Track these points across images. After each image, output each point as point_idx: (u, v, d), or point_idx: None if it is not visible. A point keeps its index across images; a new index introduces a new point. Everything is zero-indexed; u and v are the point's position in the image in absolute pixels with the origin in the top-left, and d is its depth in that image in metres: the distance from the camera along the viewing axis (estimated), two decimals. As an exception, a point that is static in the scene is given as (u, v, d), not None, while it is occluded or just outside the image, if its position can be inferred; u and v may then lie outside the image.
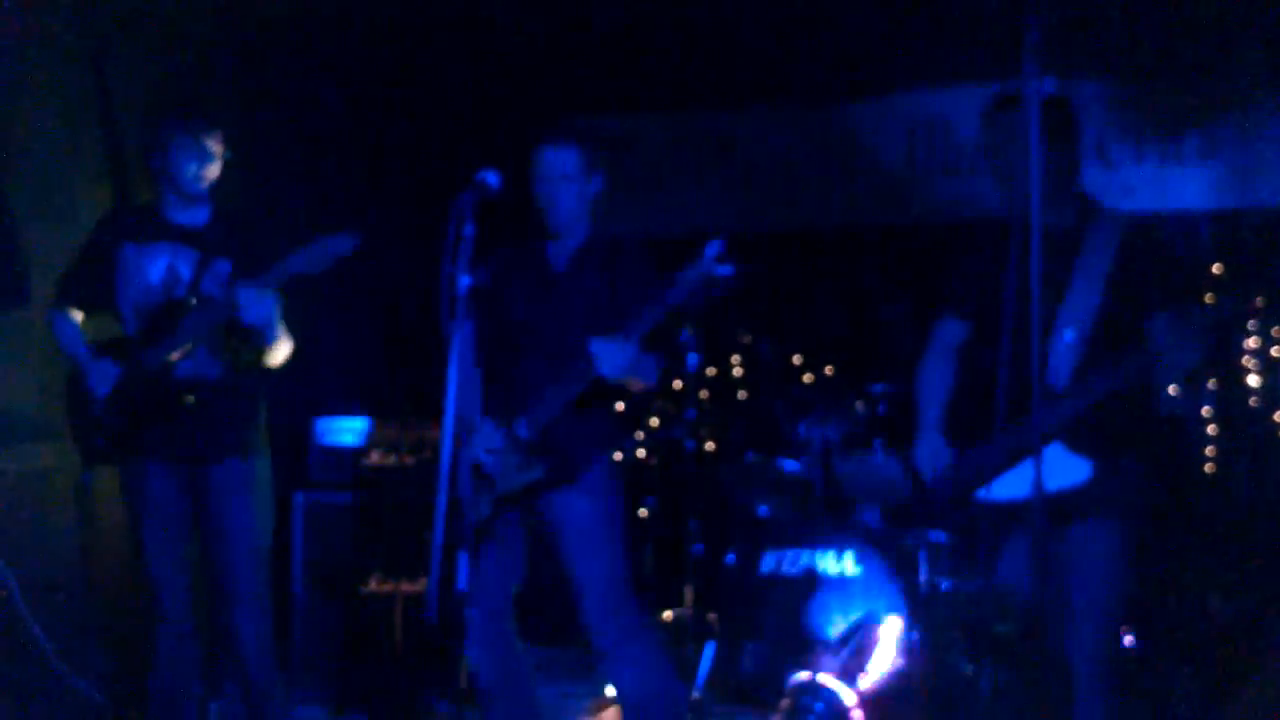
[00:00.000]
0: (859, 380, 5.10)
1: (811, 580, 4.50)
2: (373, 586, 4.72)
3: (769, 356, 5.42)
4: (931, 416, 3.43)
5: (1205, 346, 3.01)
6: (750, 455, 4.99)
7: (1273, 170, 5.32)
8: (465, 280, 3.10)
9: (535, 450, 3.45)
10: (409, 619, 4.53)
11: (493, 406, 3.51)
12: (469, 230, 3.13)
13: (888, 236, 5.85)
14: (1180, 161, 5.47)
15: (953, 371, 3.48)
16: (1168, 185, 5.47)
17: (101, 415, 3.68)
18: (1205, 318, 3.01)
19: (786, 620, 4.49)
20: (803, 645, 4.42)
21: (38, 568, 4.14)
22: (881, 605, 4.36)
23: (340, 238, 3.52)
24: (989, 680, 3.26)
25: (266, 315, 3.58)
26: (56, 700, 4.12)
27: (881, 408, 4.94)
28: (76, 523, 4.36)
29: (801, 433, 4.86)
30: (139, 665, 3.84)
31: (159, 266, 3.75)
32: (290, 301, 3.66)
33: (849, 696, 4.08)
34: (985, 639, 3.20)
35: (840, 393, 5.13)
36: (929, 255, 3.94)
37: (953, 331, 3.50)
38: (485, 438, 3.46)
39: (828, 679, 4.12)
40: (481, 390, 3.57)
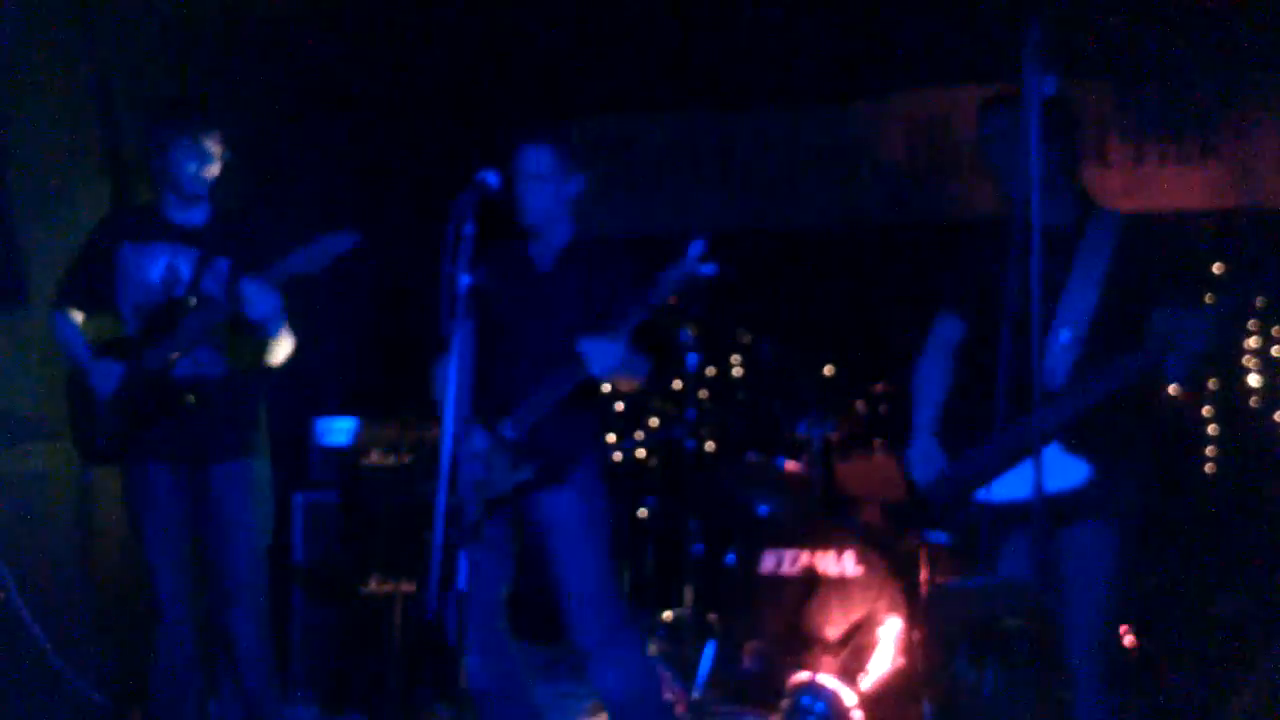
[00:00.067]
0: (859, 380, 5.10)
1: (811, 580, 4.50)
2: (372, 587, 4.72)
3: (769, 356, 5.41)
4: (926, 418, 3.43)
5: (1208, 341, 3.00)
6: (750, 455, 4.98)
7: (1273, 170, 5.33)
8: (465, 280, 3.11)
9: (523, 452, 3.46)
10: (408, 619, 4.52)
11: (479, 408, 3.52)
12: (469, 230, 3.14)
13: (888, 236, 5.85)
14: (1180, 161, 5.47)
15: (950, 371, 3.48)
16: (1168, 185, 5.46)
17: (103, 415, 3.68)
18: (1208, 313, 3.00)
19: (786, 620, 4.49)
20: (803, 645, 4.42)
21: (38, 568, 4.14)
22: (881, 606, 4.36)
23: (339, 236, 3.52)
24: (991, 685, 3.24)
25: (270, 311, 3.58)
26: (56, 700, 4.11)
27: (881, 407, 4.93)
28: (76, 523, 4.35)
29: (801, 432, 4.85)
30: (139, 665, 3.84)
31: (159, 266, 3.75)
32: (290, 301, 3.66)
33: (849, 696, 4.08)
34: (992, 634, 3.18)
35: (840, 392, 5.13)
36: (929, 255, 3.94)
37: (951, 329, 3.49)
38: (472, 439, 3.47)
39: (828, 679, 4.12)
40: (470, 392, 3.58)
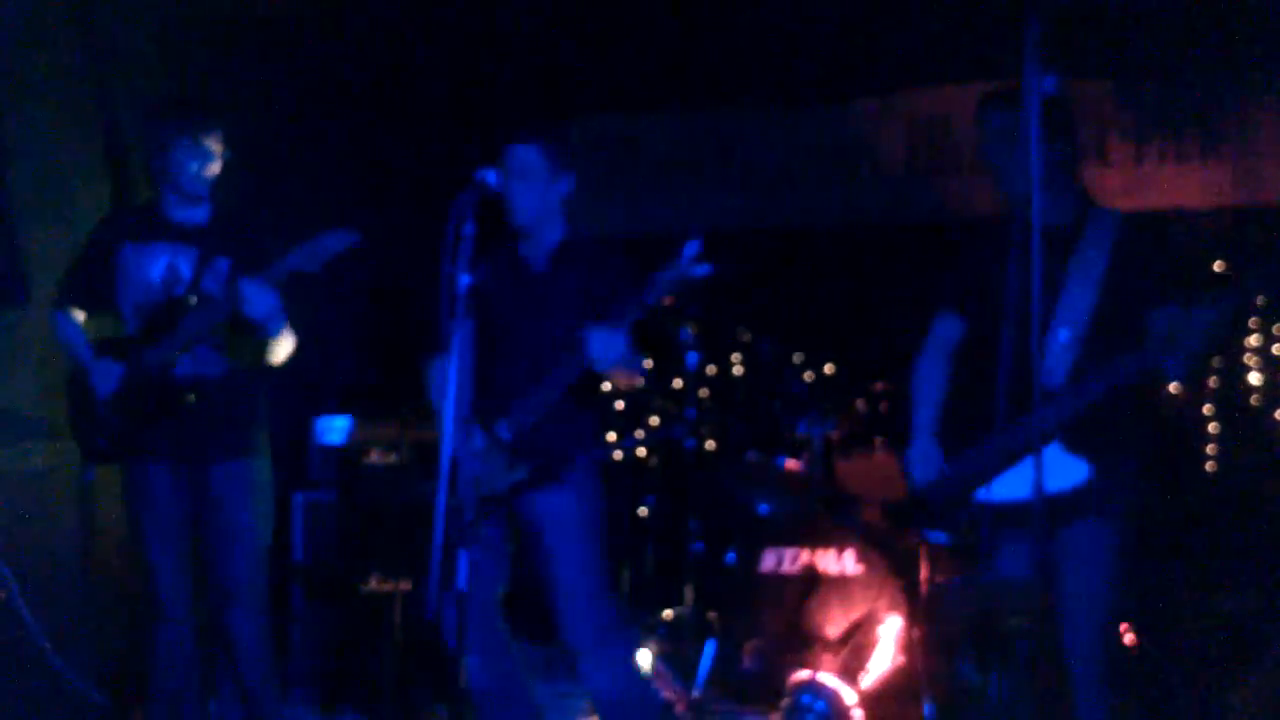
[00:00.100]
0: (859, 379, 5.09)
1: (811, 579, 4.50)
2: (371, 586, 4.72)
3: (769, 356, 5.41)
4: (925, 419, 3.43)
5: (1206, 340, 3.00)
6: (750, 454, 4.97)
7: (1273, 169, 5.32)
8: (465, 279, 3.11)
9: (518, 452, 3.46)
10: (407, 619, 4.52)
11: (475, 408, 3.52)
12: (469, 230, 3.15)
13: (888, 236, 5.85)
14: (1180, 160, 5.46)
15: (949, 371, 3.48)
16: (1168, 184, 5.46)
17: (103, 415, 3.68)
18: (1206, 312, 3.00)
19: (787, 619, 4.49)
20: (803, 644, 4.42)
21: (38, 568, 4.14)
22: (881, 604, 4.36)
23: (337, 235, 3.52)
24: (995, 688, 3.23)
25: (268, 310, 3.58)
26: (56, 700, 4.11)
27: (882, 406, 4.93)
28: (76, 523, 4.36)
29: (801, 432, 4.85)
30: (139, 665, 3.85)
31: (159, 265, 3.75)
32: (291, 300, 3.66)
33: (849, 696, 4.08)
34: (995, 633, 3.17)
35: (841, 391, 5.12)
36: (929, 255, 3.93)
37: (951, 328, 3.49)
38: (469, 439, 3.47)
39: (828, 678, 4.12)
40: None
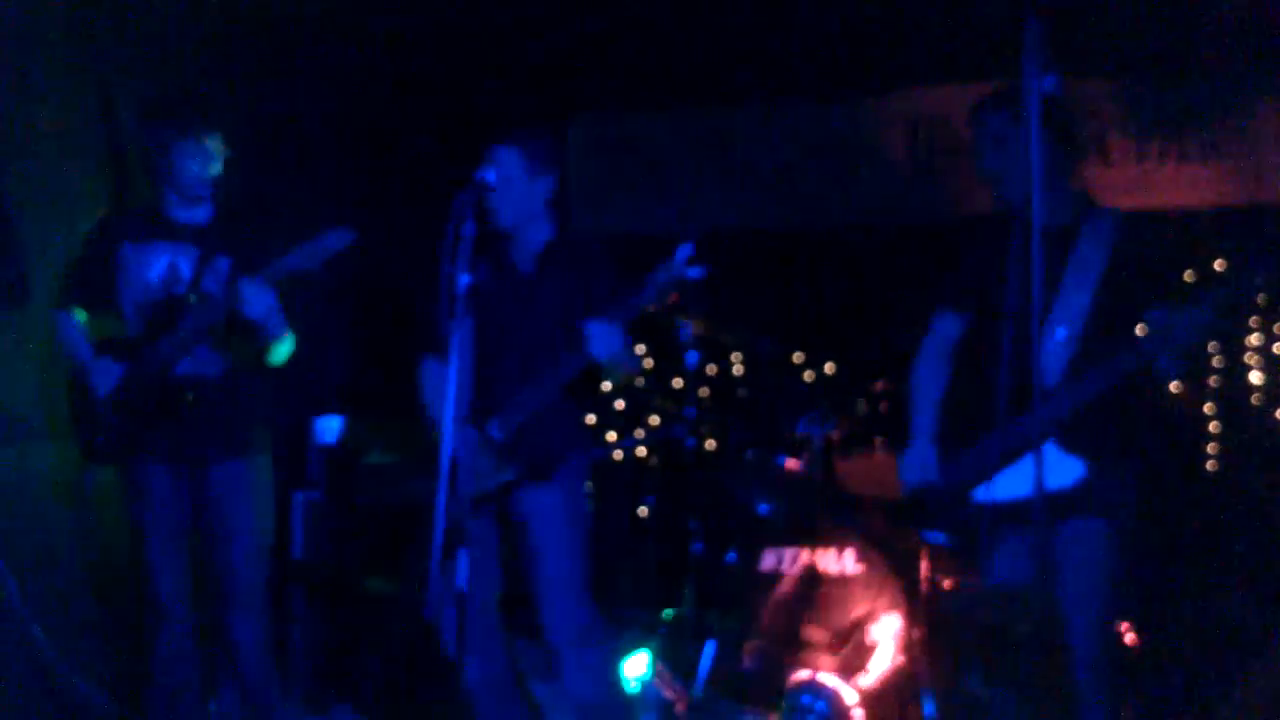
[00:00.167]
0: (860, 378, 5.09)
1: (812, 579, 4.49)
2: (371, 586, 4.72)
3: (769, 355, 5.41)
4: (924, 423, 3.42)
5: (1199, 335, 3.00)
6: (750, 454, 4.97)
7: (1274, 167, 5.31)
8: (465, 279, 3.11)
9: (508, 451, 3.46)
10: (406, 619, 4.52)
11: (465, 408, 3.52)
12: (468, 229, 3.15)
13: (888, 236, 5.84)
14: (1182, 159, 5.45)
15: (947, 371, 3.48)
16: (1169, 182, 5.45)
17: (103, 414, 3.68)
18: (1197, 310, 3.00)
19: (787, 619, 4.48)
20: (803, 644, 4.41)
21: (38, 568, 4.14)
22: (881, 604, 4.35)
23: (334, 234, 3.52)
24: (1002, 702, 3.22)
25: (266, 309, 3.58)
26: (56, 700, 4.12)
27: (882, 406, 4.92)
28: (76, 523, 4.36)
29: (801, 431, 4.85)
30: (139, 665, 3.85)
31: (160, 265, 3.76)
32: (291, 300, 3.66)
33: (849, 696, 4.08)
34: (1003, 644, 3.16)
35: (841, 391, 5.12)
36: (929, 255, 3.92)
37: (950, 327, 3.49)
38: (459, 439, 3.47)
39: (828, 678, 4.12)
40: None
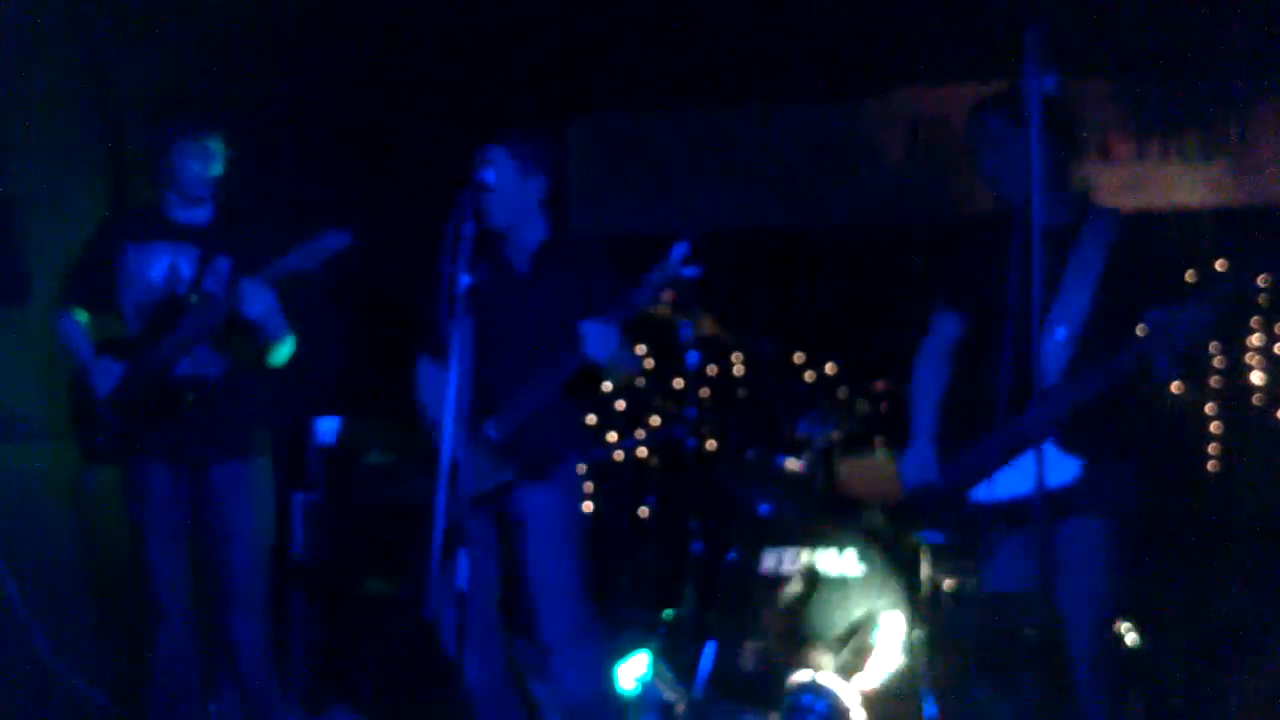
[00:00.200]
0: (860, 379, 5.08)
1: (812, 579, 4.49)
2: (371, 587, 4.71)
3: (769, 355, 5.40)
4: (924, 423, 3.42)
5: (1196, 334, 3.00)
6: (750, 454, 4.97)
7: (1275, 167, 5.31)
8: (465, 279, 3.11)
9: (506, 452, 3.46)
10: (407, 619, 4.52)
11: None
12: (468, 230, 3.15)
13: (888, 236, 5.83)
14: (1182, 158, 5.45)
15: (947, 371, 3.48)
16: (1169, 182, 5.45)
17: (103, 414, 3.68)
18: (1196, 306, 3.00)
19: (786, 619, 4.48)
20: (803, 644, 4.41)
21: (38, 568, 4.14)
22: (882, 604, 4.35)
23: (333, 235, 3.52)
24: (1003, 706, 3.21)
25: (265, 310, 3.58)
26: (56, 700, 4.12)
27: (882, 406, 4.92)
28: (76, 523, 4.36)
29: (802, 431, 4.84)
30: (139, 665, 3.85)
31: (161, 265, 3.76)
32: (293, 301, 3.66)
33: (849, 696, 4.07)
34: (1007, 648, 3.15)
35: (841, 391, 5.11)
36: (929, 255, 3.93)
37: (950, 327, 3.49)
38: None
39: (828, 678, 4.11)
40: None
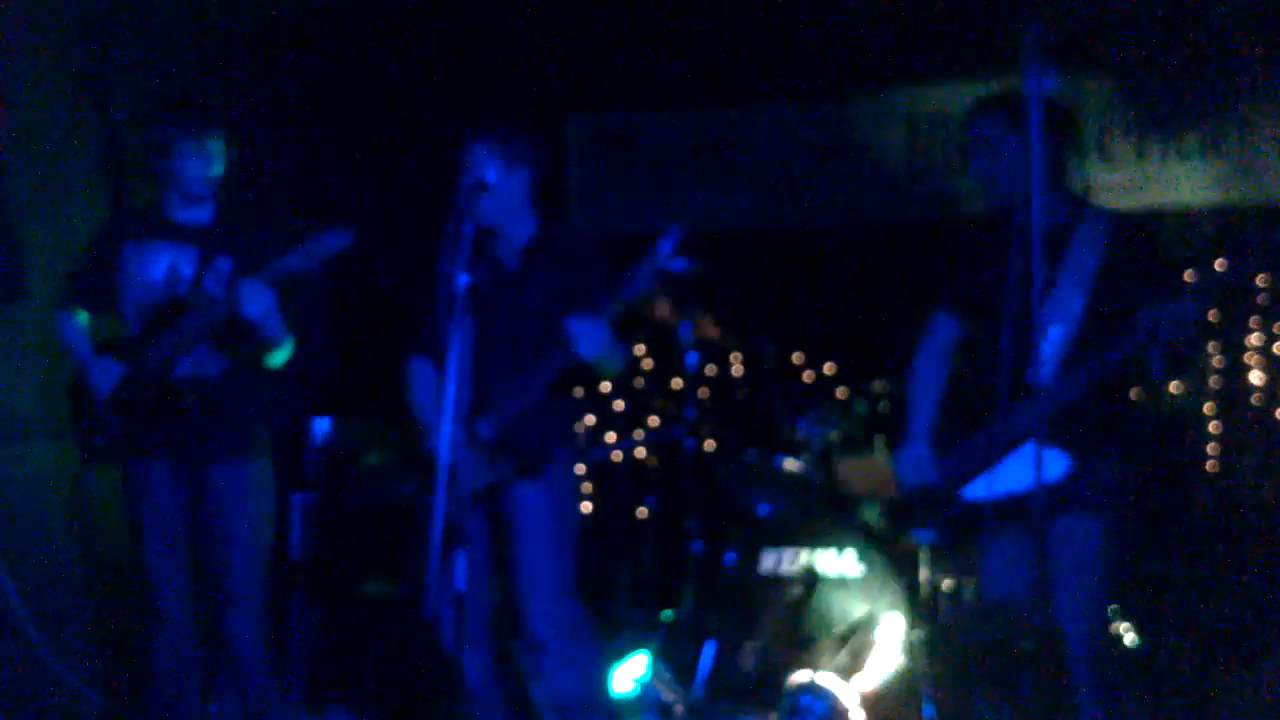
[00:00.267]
0: (859, 379, 5.08)
1: (811, 579, 4.49)
2: (370, 587, 4.71)
3: (769, 355, 5.40)
4: (920, 423, 3.43)
5: (1185, 329, 3.00)
6: (750, 454, 4.97)
7: (1274, 166, 5.31)
8: (464, 279, 3.11)
9: (498, 450, 3.46)
10: (406, 619, 4.52)
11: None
12: (468, 229, 3.15)
13: (888, 236, 5.83)
14: (1182, 157, 5.45)
15: (945, 373, 3.48)
16: (1169, 181, 5.45)
17: (103, 414, 3.68)
18: (1185, 301, 3.00)
19: (786, 619, 4.48)
20: (803, 645, 4.41)
21: (37, 568, 4.14)
22: (882, 604, 4.35)
23: (331, 235, 3.52)
24: (1006, 709, 3.21)
25: (264, 310, 3.57)
26: (56, 700, 4.12)
27: (882, 406, 4.92)
28: (76, 523, 4.36)
29: (801, 432, 4.84)
30: (139, 665, 3.85)
31: (161, 265, 3.76)
32: (288, 301, 3.66)
33: (849, 696, 4.07)
34: (1005, 657, 3.15)
35: (840, 391, 5.11)
36: (929, 254, 3.92)
37: (947, 329, 3.49)
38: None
39: (828, 678, 4.11)
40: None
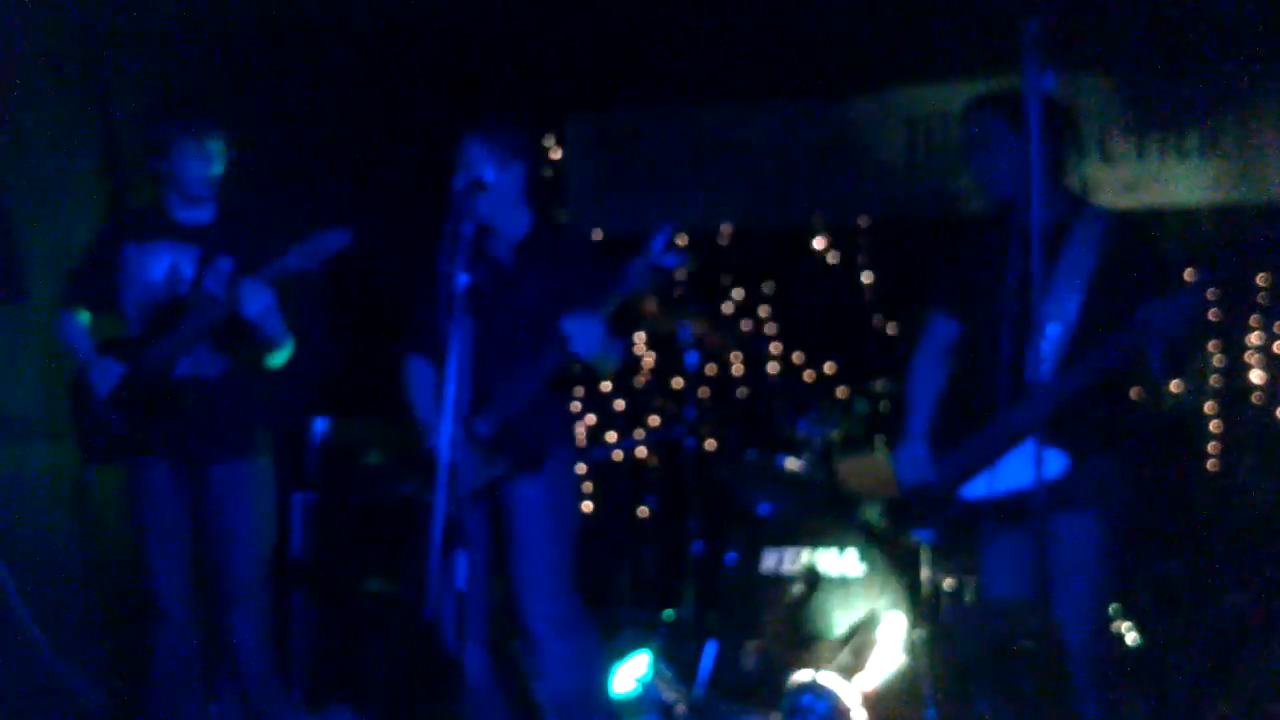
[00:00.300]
0: (859, 378, 5.08)
1: (812, 579, 4.49)
2: (370, 586, 4.71)
3: (769, 355, 5.41)
4: (918, 422, 3.43)
5: (1182, 326, 3.00)
6: (750, 454, 4.97)
7: (1274, 165, 5.30)
8: (464, 278, 3.11)
9: (496, 447, 3.46)
10: (407, 619, 4.52)
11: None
12: (467, 229, 3.15)
13: (888, 235, 5.83)
14: (1182, 156, 5.44)
15: (943, 372, 3.48)
16: (1169, 180, 5.44)
17: (103, 414, 3.68)
18: (1180, 297, 3.00)
19: (786, 619, 4.48)
20: (803, 644, 4.41)
21: (37, 568, 4.14)
22: (882, 604, 4.35)
23: (332, 235, 3.52)
24: (1006, 710, 3.21)
25: (263, 310, 3.58)
26: (56, 700, 4.12)
27: (882, 406, 4.92)
28: (76, 523, 4.36)
29: (801, 431, 4.84)
30: (139, 665, 3.85)
31: (161, 265, 3.76)
32: (288, 300, 3.66)
33: (850, 696, 4.07)
34: (1006, 657, 3.15)
35: (840, 390, 5.11)
36: (929, 254, 3.92)
37: (945, 329, 3.49)
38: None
39: (828, 678, 4.11)
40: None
